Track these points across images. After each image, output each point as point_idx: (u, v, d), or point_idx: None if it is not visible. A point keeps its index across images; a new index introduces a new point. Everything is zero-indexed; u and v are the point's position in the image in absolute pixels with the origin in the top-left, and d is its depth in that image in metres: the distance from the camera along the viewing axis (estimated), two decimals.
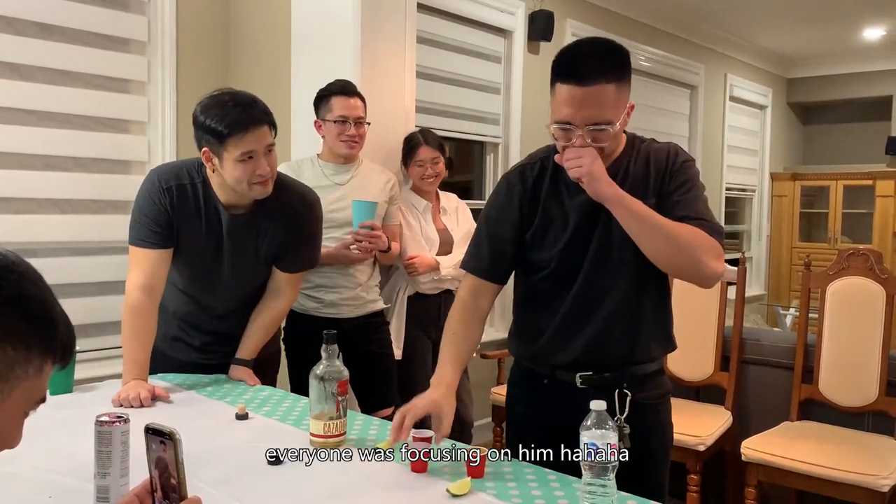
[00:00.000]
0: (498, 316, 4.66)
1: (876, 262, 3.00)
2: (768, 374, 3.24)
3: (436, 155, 3.09)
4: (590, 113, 1.52)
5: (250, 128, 1.88)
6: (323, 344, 1.62)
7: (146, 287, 2.01)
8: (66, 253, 3.08)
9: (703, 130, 6.57)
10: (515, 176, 1.75)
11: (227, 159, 1.91)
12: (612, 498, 1.24)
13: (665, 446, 1.78)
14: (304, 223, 2.14)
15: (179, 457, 1.03)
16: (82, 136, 3.09)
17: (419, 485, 1.42)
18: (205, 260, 2.08)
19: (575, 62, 1.54)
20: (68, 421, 1.71)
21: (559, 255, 1.68)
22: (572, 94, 1.52)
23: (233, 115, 1.88)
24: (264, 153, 1.92)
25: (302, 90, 3.08)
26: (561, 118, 1.56)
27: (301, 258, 2.18)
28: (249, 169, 1.91)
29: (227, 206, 2.03)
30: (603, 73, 1.51)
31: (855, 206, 7.62)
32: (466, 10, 4.27)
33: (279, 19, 3.26)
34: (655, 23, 5.83)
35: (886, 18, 6.17)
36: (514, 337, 1.84)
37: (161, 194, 2.01)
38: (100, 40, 3.12)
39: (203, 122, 1.91)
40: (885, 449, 2.72)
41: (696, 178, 1.66)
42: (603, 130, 1.54)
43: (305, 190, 2.17)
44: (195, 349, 2.21)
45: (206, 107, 1.92)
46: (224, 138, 1.88)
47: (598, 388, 1.65)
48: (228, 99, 1.91)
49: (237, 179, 1.93)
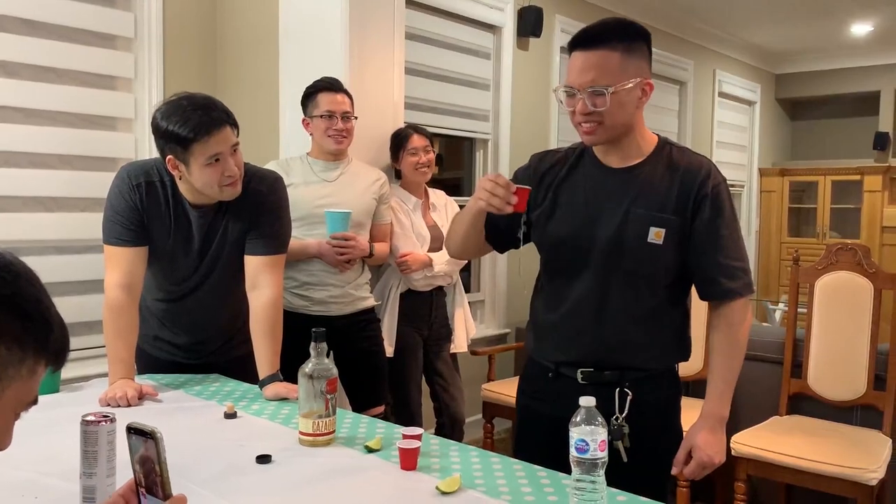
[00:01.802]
0: (488, 312, 4.66)
1: (864, 257, 3.01)
2: (758, 368, 3.25)
3: (427, 143, 3.10)
4: (590, 76, 1.58)
5: (213, 130, 1.85)
6: (312, 342, 1.61)
7: (124, 285, 1.99)
8: (53, 251, 3.06)
9: (692, 126, 6.58)
10: (536, 156, 1.83)
11: (193, 164, 1.88)
12: (601, 494, 1.23)
13: (668, 452, 1.75)
14: (267, 199, 2.07)
15: (162, 455, 1.02)
16: (69, 133, 3.06)
17: (408, 482, 1.42)
18: (176, 257, 2.05)
19: (586, 31, 1.62)
20: (54, 421, 1.69)
21: (561, 244, 1.70)
22: (577, 59, 1.61)
23: (194, 120, 1.84)
24: (230, 153, 1.90)
25: (290, 87, 3.06)
26: (566, 83, 1.63)
27: (273, 235, 2.08)
28: (218, 171, 1.89)
29: (194, 206, 2.02)
30: (607, 39, 1.59)
31: (843, 201, 7.66)
32: (455, 6, 4.26)
33: (267, 15, 3.24)
34: (644, 19, 5.83)
35: (874, 14, 6.20)
36: (528, 329, 1.86)
37: (131, 191, 1.99)
38: (86, 37, 3.09)
39: (165, 129, 1.86)
40: (873, 442, 2.73)
41: (732, 209, 1.67)
42: (600, 94, 1.58)
43: (266, 171, 2.12)
44: (178, 348, 2.19)
45: (166, 113, 1.87)
46: (189, 143, 1.85)
47: (599, 386, 1.65)
48: (187, 104, 1.87)
49: (206, 183, 1.91)
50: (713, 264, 1.65)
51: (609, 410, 1.64)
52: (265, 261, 2.06)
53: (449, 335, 3.27)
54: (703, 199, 1.63)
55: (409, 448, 1.47)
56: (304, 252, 2.66)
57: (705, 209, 1.63)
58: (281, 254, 2.11)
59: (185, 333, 2.18)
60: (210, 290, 2.12)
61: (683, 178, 1.64)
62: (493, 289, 4.65)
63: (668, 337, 1.72)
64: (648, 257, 1.63)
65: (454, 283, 3.30)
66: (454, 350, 3.29)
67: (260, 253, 2.06)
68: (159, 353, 2.19)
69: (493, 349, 3.95)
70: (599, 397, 1.38)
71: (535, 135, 4.84)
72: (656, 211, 1.62)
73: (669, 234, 1.62)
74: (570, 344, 1.70)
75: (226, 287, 2.13)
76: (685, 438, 1.69)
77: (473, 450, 1.61)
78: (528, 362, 1.86)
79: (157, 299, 2.15)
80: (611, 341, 1.67)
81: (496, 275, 4.64)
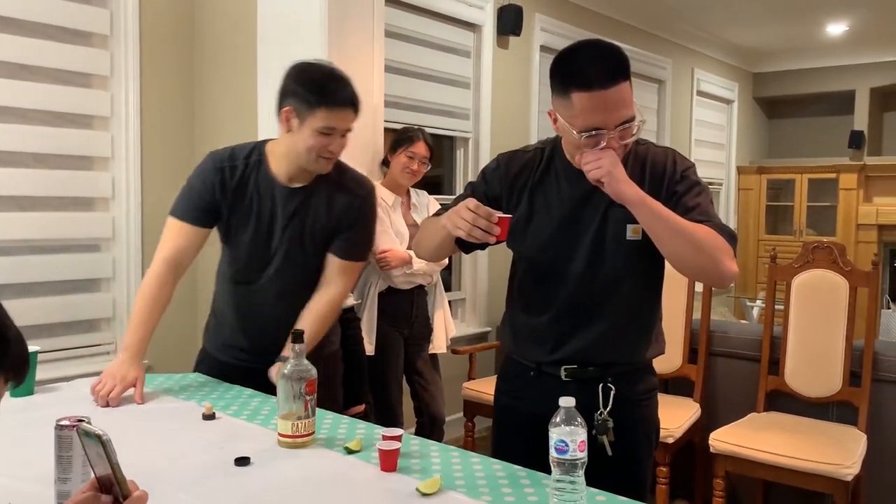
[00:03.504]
0: (469, 311, 4.67)
1: (840, 255, 3.05)
2: (735, 365, 3.28)
3: (427, 155, 3.10)
4: (619, 114, 1.52)
5: (344, 105, 1.90)
6: (290, 342, 1.60)
7: (171, 260, 2.01)
8: (28, 251, 3.02)
9: (670, 125, 6.63)
10: (504, 156, 1.77)
11: (307, 126, 1.90)
12: (581, 494, 1.24)
13: (649, 442, 1.78)
14: (361, 207, 2.07)
15: (113, 458, 1.00)
16: (43, 131, 3.02)
17: (389, 484, 1.41)
18: (256, 239, 2.02)
19: (591, 68, 1.52)
20: (29, 423, 1.67)
21: (542, 249, 1.68)
22: (598, 99, 1.51)
23: (332, 87, 1.89)
24: (341, 134, 1.93)
25: (268, 84, 3.04)
26: (591, 125, 1.53)
27: (354, 242, 2.08)
28: (323, 143, 1.91)
29: (284, 182, 2.00)
30: (620, 72, 1.52)
31: (819, 198, 7.75)
32: (435, 5, 4.25)
33: (245, 12, 3.21)
34: (623, 17, 5.86)
35: (848, 15, 6.28)
36: (504, 330, 1.85)
37: (213, 173, 2.00)
38: (61, 33, 3.05)
39: (300, 79, 1.90)
40: (849, 438, 2.77)
41: (702, 184, 1.66)
42: (628, 127, 1.54)
43: (363, 176, 2.14)
44: (247, 352, 2.12)
45: (306, 69, 1.93)
46: (316, 105, 1.88)
47: (583, 382, 1.67)
48: (330, 71, 1.93)
49: (308, 148, 1.91)
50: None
51: (593, 406, 1.65)
52: (343, 265, 2.08)
53: (430, 335, 3.27)
54: (677, 183, 1.63)
55: (388, 449, 1.47)
56: None
57: (680, 191, 1.62)
58: (359, 261, 2.13)
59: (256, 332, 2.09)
60: (281, 279, 2.05)
61: (652, 171, 1.65)
62: (473, 287, 4.66)
63: (648, 330, 1.74)
64: (629, 254, 1.64)
65: (435, 283, 3.30)
66: (433, 351, 3.29)
67: (340, 256, 2.07)
68: (228, 359, 2.14)
69: (474, 348, 3.96)
70: (583, 393, 1.39)
71: (515, 133, 4.85)
72: None
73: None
74: (555, 346, 1.71)
75: (300, 277, 2.06)
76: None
77: (454, 450, 1.60)
78: (507, 361, 1.85)
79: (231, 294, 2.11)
80: (596, 340, 1.68)
81: (477, 273, 4.65)
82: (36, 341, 2.59)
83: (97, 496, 1.03)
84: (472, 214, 1.50)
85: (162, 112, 3.34)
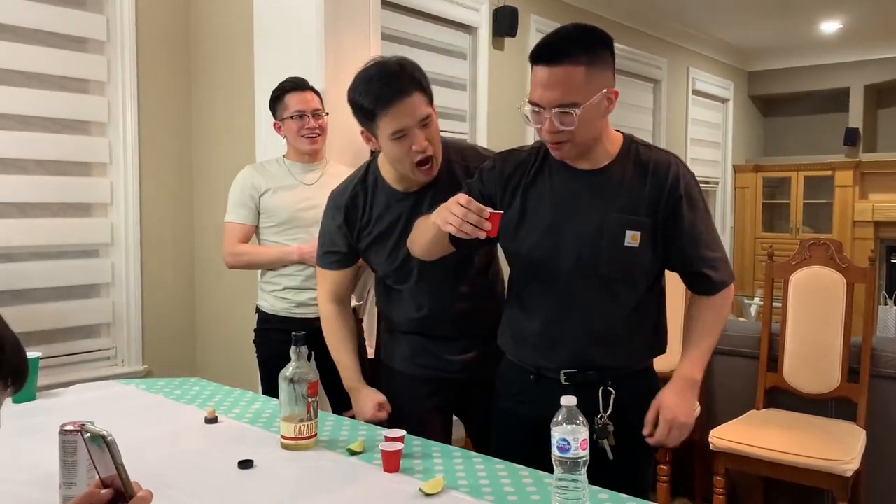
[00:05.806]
0: None
1: (836, 252, 3.06)
2: (734, 363, 3.28)
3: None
4: (556, 94, 1.52)
5: (394, 101, 1.72)
6: (292, 346, 1.61)
7: (334, 298, 2.05)
8: (28, 257, 3.02)
9: (666, 124, 6.64)
10: (500, 156, 1.76)
11: (381, 138, 1.78)
12: (583, 493, 1.24)
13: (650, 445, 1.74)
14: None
15: (118, 458, 1.01)
16: (41, 137, 3.02)
17: (392, 485, 1.42)
18: (394, 255, 1.94)
19: (547, 44, 1.55)
20: (32, 429, 1.68)
21: (533, 249, 1.66)
22: (541, 75, 1.53)
23: (374, 90, 1.74)
24: (419, 127, 1.75)
25: (265, 89, 3.04)
26: (532, 99, 1.56)
27: None
28: (405, 146, 1.75)
29: (401, 188, 1.91)
30: (570, 54, 1.51)
31: (815, 196, 7.76)
32: (430, 7, 4.26)
33: (241, 16, 3.22)
34: (618, 18, 5.87)
35: (842, 13, 6.30)
36: (503, 333, 1.82)
37: (334, 213, 1.96)
38: (57, 40, 3.06)
39: (353, 100, 1.80)
40: (848, 434, 2.78)
41: (704, 202, 1.67)
42: (568, 113, 1.52)
43: (470, 149, 1.99)
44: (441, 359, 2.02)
45: (354, 82, 1.80)
46: (372, 117, 1.76)
47: (582, 385, 1.65)
48: (374, 72, 1.77)
49: (396, 159, 1.80)
50: (698, 259, 1.64)
51: (593, 410, 1.63)
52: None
53: None
54: (679, 201, 1.61)
55: (391, 450, 1.47)
56: (286, 258, 2.64)
57: (682, 210, 1.61)
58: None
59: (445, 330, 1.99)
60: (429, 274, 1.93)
61: (654, 179, 1.62)
62: None
63: (648, 332, 1.72)
64: (626, 261, 1.61)
65: None
66: None
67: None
68: (421, 371, 2.03)
69: None
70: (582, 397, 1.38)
71: (511, 134, 4.85)
72: (631, 213, 1.60)
73: (645, 236, 1.60)
74: (553, 350, 1.69)
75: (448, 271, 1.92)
76: (655, 399, 1.65)
77: (456, 450, 1.61)
78: (506, 365, 1.83)
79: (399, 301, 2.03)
80: (594, 344, 1.66)
81: None
82: (36, 347, 2.59)
83: (95, 491, 1.04)
84: (463, 209, 1.49)
85: (159, 117, 3.35)
